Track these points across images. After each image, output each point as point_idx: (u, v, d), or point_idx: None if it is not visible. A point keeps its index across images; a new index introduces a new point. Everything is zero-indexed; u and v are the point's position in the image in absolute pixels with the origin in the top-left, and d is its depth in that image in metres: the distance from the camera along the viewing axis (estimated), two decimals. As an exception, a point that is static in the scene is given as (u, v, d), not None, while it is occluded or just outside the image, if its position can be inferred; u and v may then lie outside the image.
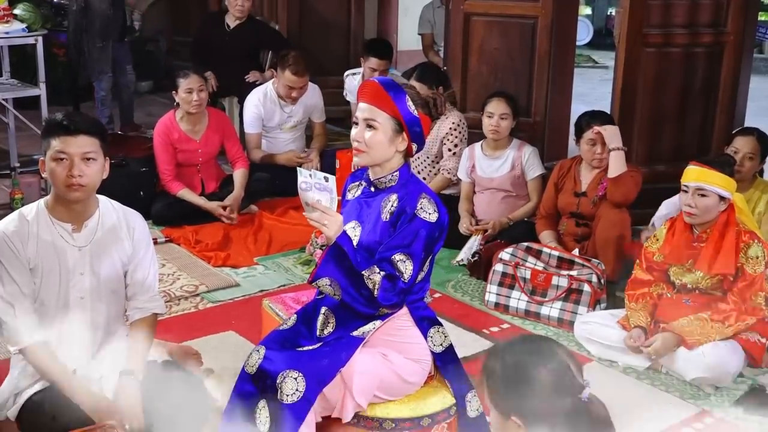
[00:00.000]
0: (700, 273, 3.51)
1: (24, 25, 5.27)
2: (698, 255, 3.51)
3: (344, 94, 6.43)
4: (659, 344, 3.46)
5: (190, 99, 5.02)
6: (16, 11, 5.30)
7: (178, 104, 5.12)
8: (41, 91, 5.27)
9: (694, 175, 3.47)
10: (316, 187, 2.39)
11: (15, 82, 5.54)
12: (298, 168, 2.48)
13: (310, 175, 2.40)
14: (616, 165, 4.16)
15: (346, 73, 6.38)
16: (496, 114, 4.72)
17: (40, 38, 5.28)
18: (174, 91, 5.09)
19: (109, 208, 2.76)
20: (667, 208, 4.12)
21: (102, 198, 2.77)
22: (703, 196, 3.44)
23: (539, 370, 1.75)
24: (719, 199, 3.44)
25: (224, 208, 5.11)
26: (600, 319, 3.75)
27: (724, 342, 3.42)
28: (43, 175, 2.68)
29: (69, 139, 2.57)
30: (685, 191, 3.49)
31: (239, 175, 5.30)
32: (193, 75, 5.04)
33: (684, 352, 3.45)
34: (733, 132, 4.28)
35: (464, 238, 4.70)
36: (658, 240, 3.67)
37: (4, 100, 5.34)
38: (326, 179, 2.39)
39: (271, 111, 5.70)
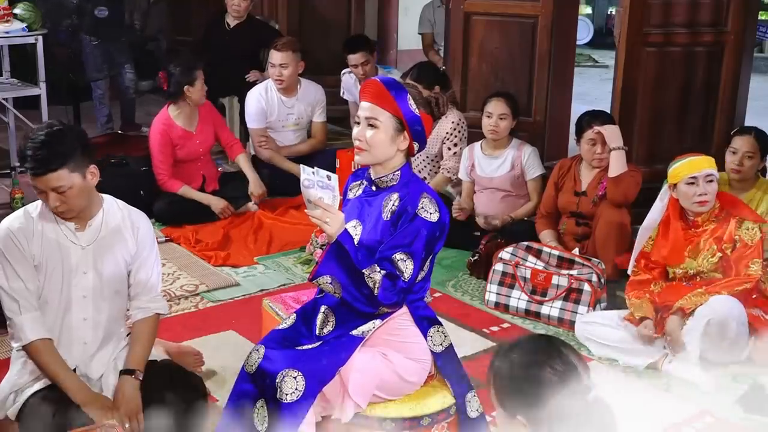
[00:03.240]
0: (704, 252, 3.58)
1: (24, 25, 5.27)
2: (697, 239, 3.58)
3: (341, 92, 6.43)
4: (669, 331, 3.49)
5: (204, 93, 5.12)
6: (16, 11, 5.30)
7: (171, 101, 5.13)
8: (41, 90, 5.28)
9: (697, 164, 3.56)
10: (318, 185, 2.40)
11: (15, 81, 5.54)
12: (301, 165, 2.48)
13: (313, 173, 2.40)
14: (617, 165, 4.17)
15: (342, 72, 6.38)
16: (495, 114, 4.72)
17: (40, 38, 5.28)
18: (187, 86, 5.06)
19: (113, 207, 2.77)
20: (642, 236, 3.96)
21: (107, 197, 2.77)
22: (711, 181, 3.55)
23: (546, 370, 1.76)
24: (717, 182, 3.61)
25: (253, 198, 5.24)
26: (601, 318, 3.75)
27: (725, 296, 3.46)
28: None
29: (35, 178, 2.56)
30: (692, 184, 3.54)
31: (243, 160, 5.39)
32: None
33: (690, 322, 3.47)
34: (732, 132, 4.29)
35: (465, 239, 4.69)
36: (653, 240, 3.71)
37: (4, 99, 5.34)
38: (329, 178, 2.40)
39: (273, 105, 5.69)
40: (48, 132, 2.56)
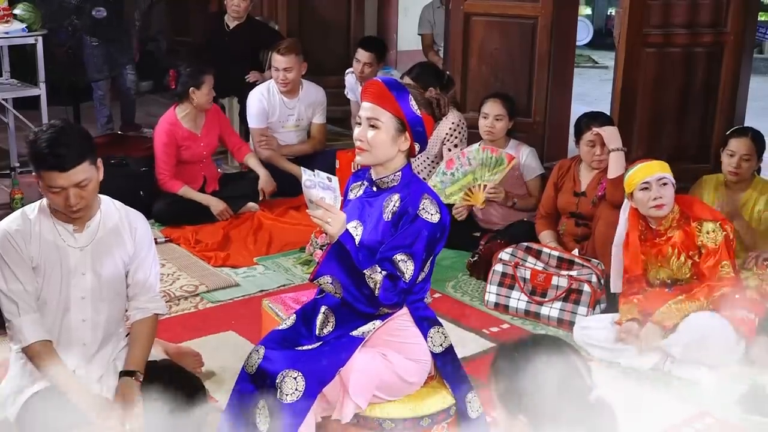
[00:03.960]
0: (674, 259, 3.57)
1: (24, 25, 5.27)
2: (664, 248, 3.57)
3: (345, 92, 6.44)
4: (644, 337, 3.49)
5: (210, 99, 5.11)
6: (16, 11, 5.30)
7: (178, 102, 5.13)
8: (41, 91, 5.28)
9: (651, 169, 3.56)
10: (320, 185, 2.40)
11: (15, 82, 5.54)
12: (302, 168, 2.48)
13: (314, 174, 2.41)
14: (616, 166, 4.16)
15: (347, 71, 6.39)
16: (491, 115, 4.72)
17: (40, 38, 5.28)
18: (193, 89, 5.05)
19: (111, 208, 2.76)
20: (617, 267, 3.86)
21: (104, 198, 2.77)
22: (665, 185, 3.54)
23: (548, 370, 1.76)
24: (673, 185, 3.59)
25: (262, 194, 5.31)
26: (598, 322, 3.74)
27: (705, 313, 3.45)
28: (40, 191, 2.63)
29: (61, 174, 2.52)
30: (646, 189, 3.54)
31: (252, 159, 5.45)
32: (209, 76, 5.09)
33: (672, 337, 3.47)
34: (727, 133, 4.27)
35: (464, 239, 4.69)
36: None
37: (3, 100, 5.33)
38: (329, 179, 2.41)
39: (274, 106, 5.70)
40: (57, 130, 2.55)
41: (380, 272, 2.43)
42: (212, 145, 5.31)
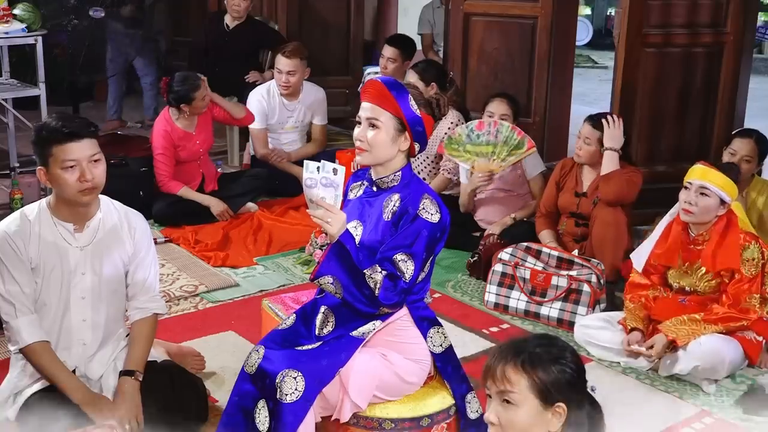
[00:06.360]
0: (701, 273, 3.49)
1: (24, 25, 5.27)
2: (695, 257, 3.49)
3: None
4: (659, 348, 3.43)
5: (203, 105, 5.12)
6: (16, 11, 5.30)
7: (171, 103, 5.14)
8: (41, 91, 5.27)
9: (699, 173, 3.43)
10: (321, 183, 2.39)
11: (14, 82, 5.54)
12: (305, 161, 2.48)
13: (318, 169, 2.39)
14: (608, 164, 4.15)
15: (367, 71, 6.35)
16: (496, 114, 4.72)
17: (39, 38, 5.28)
18: (184, 105, 5.06)
19: (110, 209, 2.77)
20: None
21: (104, 198, 2.77)
22: (704, 195, 3.40)
23: (577, 358, 1.86)
24: (720, 202, 3.41)
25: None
26: (599, 321, 3.73)
27: (716, 336, 3.40)
28: (44, 185, 2.66)
29: (74, 145, 2.56)
30: (687, 188, 3.44)
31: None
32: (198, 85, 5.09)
33: (680, 355, 3.44)
34: (733, 133, 4.27)
35: (464, 239, 4.69)
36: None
37: (3, 100, 5.33)
38: (335, 172, 2.38)
39: (274, 107, 5.69)
40: (62, 113, 2.63)
41: (380, 272, 2.43)
42: (208, 142, 5.31)
